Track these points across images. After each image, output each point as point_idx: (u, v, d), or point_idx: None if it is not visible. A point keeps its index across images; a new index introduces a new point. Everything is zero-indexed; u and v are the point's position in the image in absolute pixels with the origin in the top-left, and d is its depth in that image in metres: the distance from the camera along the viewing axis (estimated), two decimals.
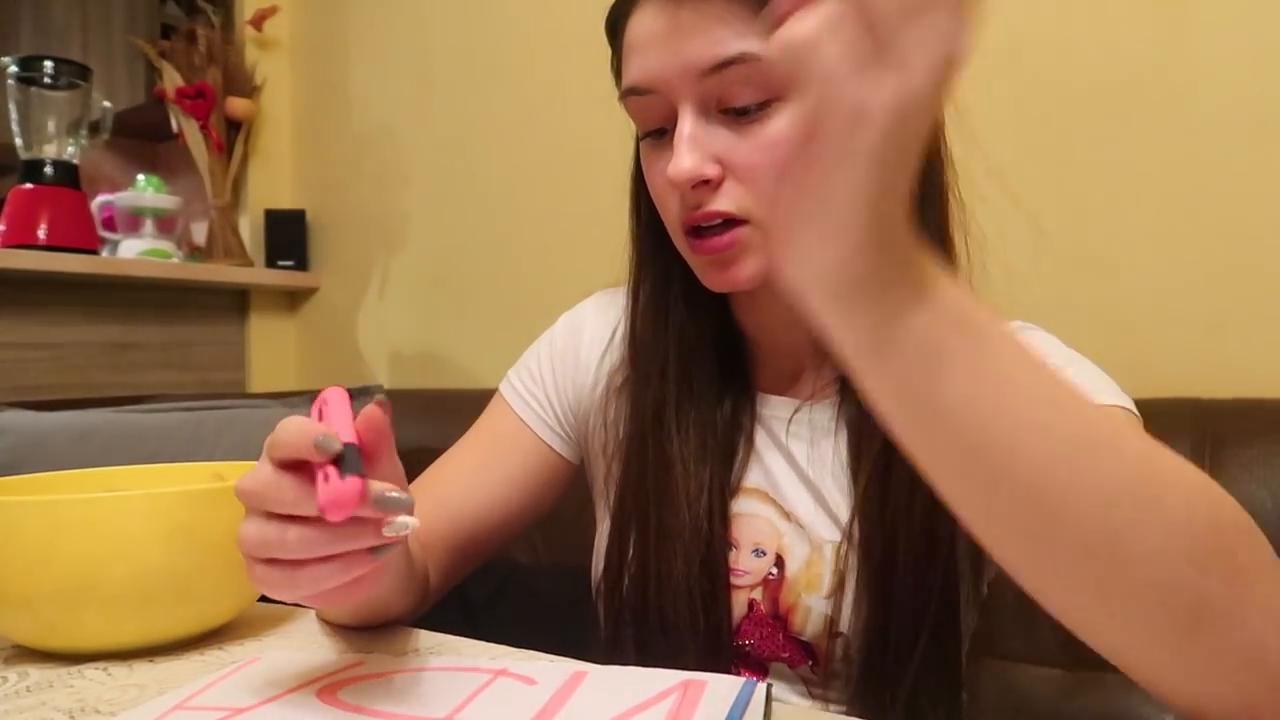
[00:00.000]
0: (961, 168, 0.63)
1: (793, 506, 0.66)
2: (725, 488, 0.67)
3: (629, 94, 0.60)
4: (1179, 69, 1.04)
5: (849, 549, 0.62)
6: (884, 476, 0.60)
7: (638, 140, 0.65)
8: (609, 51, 0.65)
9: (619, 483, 0.69)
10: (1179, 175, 1.04)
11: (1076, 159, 1.10)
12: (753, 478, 0.67)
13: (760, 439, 0.68)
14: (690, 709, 0.43)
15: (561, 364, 0.76)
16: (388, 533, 0.42)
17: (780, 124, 0.56)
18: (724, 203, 0.58)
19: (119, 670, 0.54)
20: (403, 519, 0.42)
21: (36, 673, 0.54)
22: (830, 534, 0.64)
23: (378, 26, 1.93)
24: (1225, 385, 0.95)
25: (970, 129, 0.60)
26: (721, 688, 0.45)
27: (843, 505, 0.64)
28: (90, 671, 0.54)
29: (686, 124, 0.57)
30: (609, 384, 0.72)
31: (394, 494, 0.42)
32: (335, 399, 0.46)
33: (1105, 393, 0.57)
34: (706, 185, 0.57)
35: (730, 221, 0.58)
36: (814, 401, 0.67)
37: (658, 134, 0.61)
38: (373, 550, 0.43)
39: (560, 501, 0.77)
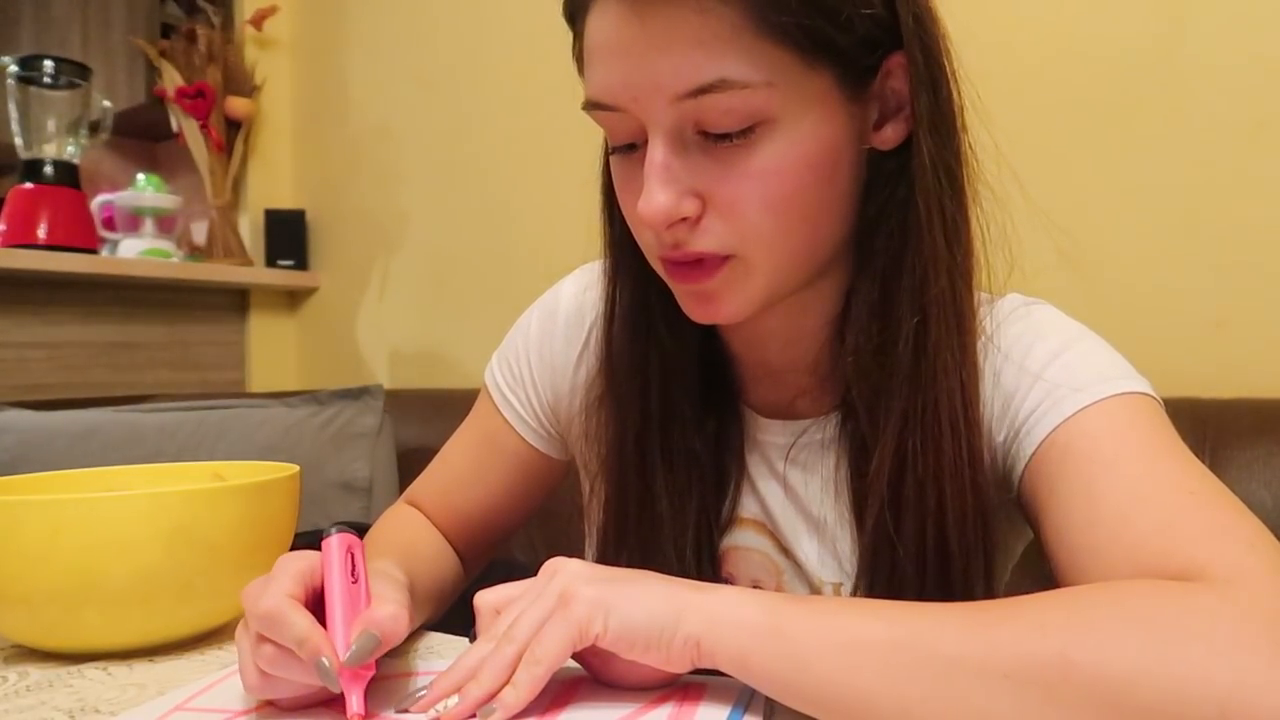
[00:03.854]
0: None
1: (790, 542, 0.61)
2: (715, 522, 0.62)
3: (593, 108, 0.51)
4: (1179, 68, 1.04)
5: (860, 592, 0.57)
6: (893, 510, 0.54)
7: (606, 152, 0.57)
8: None
9: (601, 516, 0.64)
10: (1179, 175, 1.04)
11: (1076, 158, 1.10)
12: (749, 508, 0.63)
13: (755, 466, 0.63)
14: (692, 710, 0.43)
15: (540, 361, 0.70)
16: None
17: (768, 152, 0.48)
18: (705, 242, 0.50)
19: (119, 670, 0.54)
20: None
21: (36, 673, 0.54)
22: (832, 574, 0.60)
23: (378, 26, 1.93)
24: (1225, 385, 0.95)
25: (970, 129, 0.59)
26: (723, 688, 0.45)
27: (846, 541, 0.59)
28: (90, 671, 0.54)
29: (659, 152, 0.49)
30: (587, 395, 0.65)
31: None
32: (332, 568, 0.47)
33: (1109, 378, 0.52)
34: (684, 222, 0.50)
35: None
36: (813, 427, 0.60)
37: (628, 149, 0.52)
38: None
39: (556, 491, 0.76)
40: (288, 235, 2.01)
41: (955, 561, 0.54)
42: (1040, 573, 0.52)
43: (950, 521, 0.53)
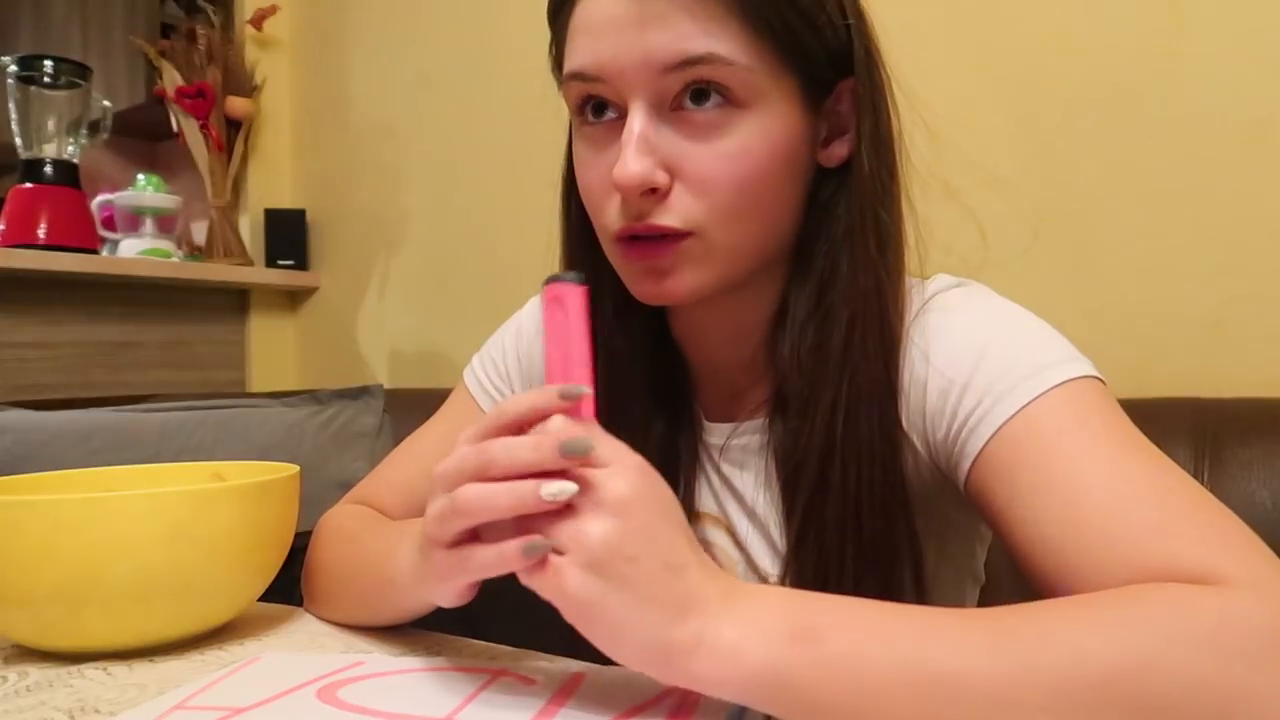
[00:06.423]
0: (959, 165, 0.62)
1: (742, 536, 0.64)
2: None
3: (575, 79, 0.54)
4: (1178, 67, 1.04)
5: (788, 581, 0.58)
6: (820, 496, 0.55)
7: (571, 131, 0.60)
8: None
9: None
10: (1178, 174, 1.04)
11: (1075, 158, 1.10)
12: (708, 504, 0.65)
13: (706, 466, 0.65)
14: (690, 709, 0.43)
15: (530, 361, 0.71)
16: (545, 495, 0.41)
17: (740, 134, 0.52)
18: (670, 216, 0.52)
19: (119, 670, 0.54)
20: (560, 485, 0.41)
21: (36, 673, 0.54)
22: (771, 565, 0.62)
23: (378, 26, 1.93)
24: (1225, 385, 0.95)
25: (968, 127, 0.59)
26: None
27: (778, 531, 0.61)
28: (90, 671, 0.54)
29: (637, 122, 0.51)
30: None
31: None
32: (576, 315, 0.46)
33: (1053, 363, 0.50)
34: (653, 194, 0.52)
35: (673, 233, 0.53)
36: (746, 425, 0.63)
37: (598, 112, 0.55)
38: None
39: None
40: (288, 235, 2.01)
41: (879, 545, 0.55)
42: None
43: (873, 506, 0.55)
